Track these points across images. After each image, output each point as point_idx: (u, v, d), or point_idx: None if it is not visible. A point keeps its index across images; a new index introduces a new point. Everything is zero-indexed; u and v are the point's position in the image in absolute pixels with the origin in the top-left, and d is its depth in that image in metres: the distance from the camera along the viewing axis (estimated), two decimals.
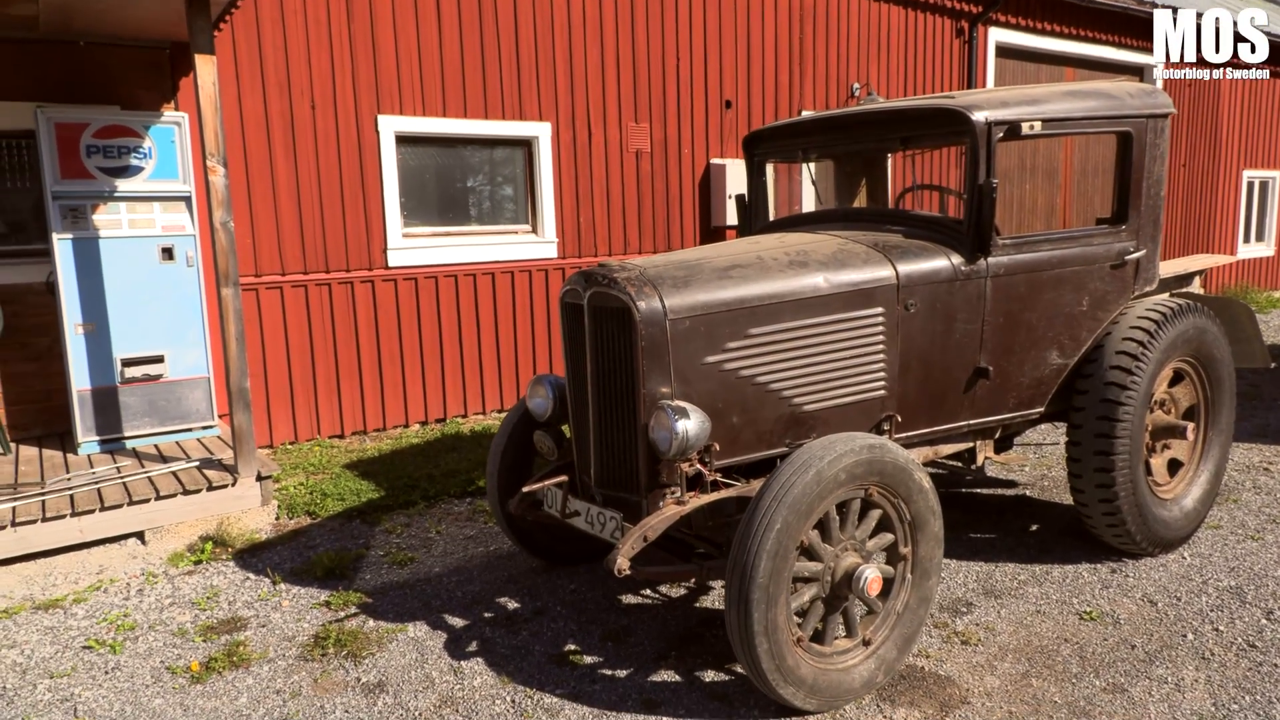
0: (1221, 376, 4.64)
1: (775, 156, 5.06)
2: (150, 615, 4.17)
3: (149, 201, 5.96)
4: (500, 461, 4.30)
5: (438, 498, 5.69)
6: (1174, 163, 13.82)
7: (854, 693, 3.26)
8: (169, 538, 5.00)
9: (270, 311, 6.76)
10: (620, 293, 3.38)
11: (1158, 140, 4.40)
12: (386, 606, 4.20)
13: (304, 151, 6.79)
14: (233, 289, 5.17)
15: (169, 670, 3.65)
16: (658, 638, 3.83)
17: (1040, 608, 4.00)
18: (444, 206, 7.66)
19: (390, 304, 7.26)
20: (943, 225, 4.13)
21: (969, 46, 10.91)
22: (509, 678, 3.53)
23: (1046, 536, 4.82)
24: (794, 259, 3.75)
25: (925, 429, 4.06)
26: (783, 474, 3.08)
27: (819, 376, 3.69)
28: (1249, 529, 4.85)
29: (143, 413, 5.99)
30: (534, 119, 7.80)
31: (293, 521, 5.35)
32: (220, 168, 5.06)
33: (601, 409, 3.57)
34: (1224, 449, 4.77)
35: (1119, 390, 4.16)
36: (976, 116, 3.90)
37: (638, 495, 3.46)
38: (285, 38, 6.63)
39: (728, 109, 8.97)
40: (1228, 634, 3.72)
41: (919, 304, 3.86)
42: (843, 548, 3.24)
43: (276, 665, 3.68)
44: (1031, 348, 4.21)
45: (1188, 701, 3.25)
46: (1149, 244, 4.45)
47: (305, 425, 6.99)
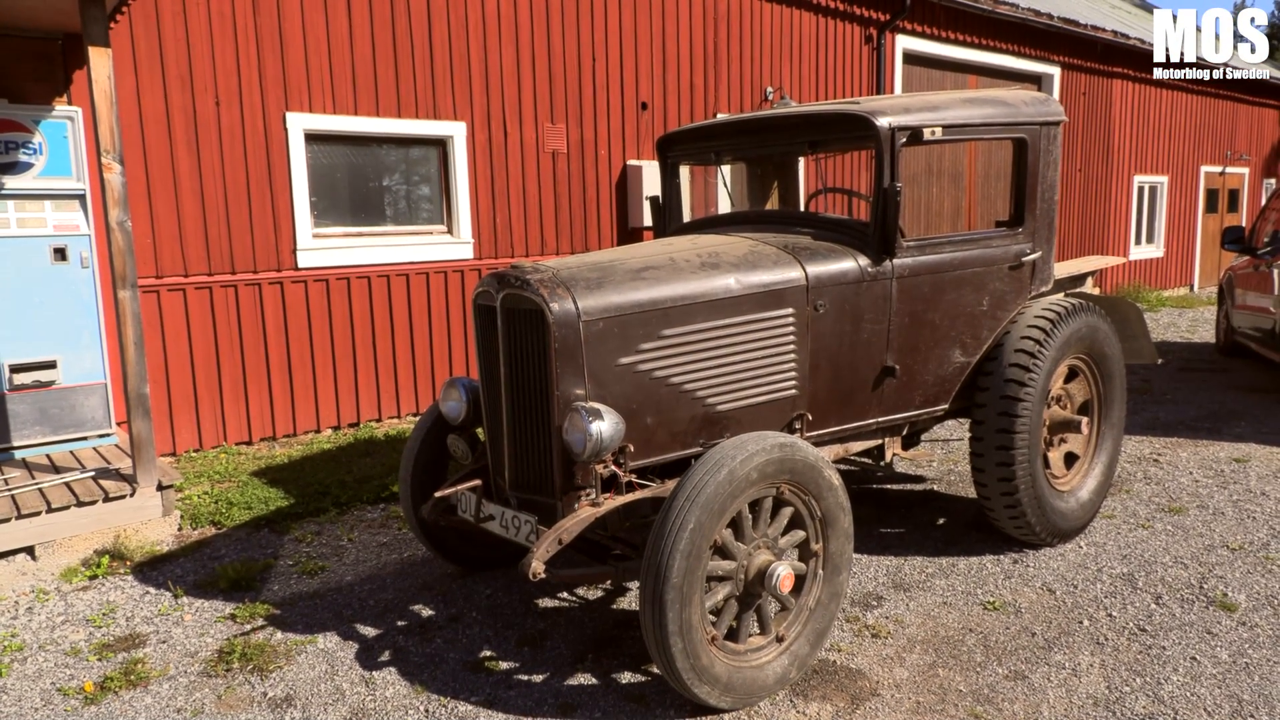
0: (1113, 372, 4.86)
1: (688, 159, 5.10)
2: (40, 634, 3.97)
3: (39, 200, 5.68)
4: (413, 466, 4.23)
5: (350, 504, 5.56)
6: (1070, 168, 14.45)
7: (768, 689, 3.31)
8: (62, 552, 4.77)
9: (173, 314, 6.51)
10: (533, 294, 3.36)
11: (1051, 146, 4.58)
12: (295, 618, 4.08)
13: (208, 149, 6.56)
14: (130, 291, 4.96)
15: (60, 692, 3.48)
16: (575, 641, 3.82)
17: (947, 599, 4.13)
18: (356, 206, 7.50)
19: (300, 306, 7.07)
20: (850, 227, 4.23)
21: (878, 53, 11.19)
22: (422, 687, 3.47)
23: (953, 530, 4.98)
24: (706, 260, 3.78)
25: (835, 427, 4.15)
26: (695, 474, 3.10)
27: (731, 376, 3.73)
28: (1140, 518, 5.09)
29: (33, 421, 5.70)
30: (448, 118, 7.70)
31: (196, 532, 5.16)
32: (116, 165, 4.85)
33: (515, 412, 3.54)
34: (1116, 442, 5.00)
35: (1018, 387, 4.32)
36: (881, 122, 4.00)
37: (552, 498, 3.44)
38: (187, 30, 6.40)
39: (644, 111, 9.01)
40: (1120, 619, 3.90)
41: (828, 304, 3.94)
42: (755, 546, 3.28)
43: (177, 682, 3.54)
44: (935, 346, 4.34)
45: (1084, 686, 3.39)
46: (1044, 246, 4.63)
47: (210, 432, 6.75)
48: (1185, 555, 4.56)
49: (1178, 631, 3.77)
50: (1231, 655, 3.57)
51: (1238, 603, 4.01)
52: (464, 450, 3.98)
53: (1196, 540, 4.75)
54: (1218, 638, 3.71)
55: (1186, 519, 5.06)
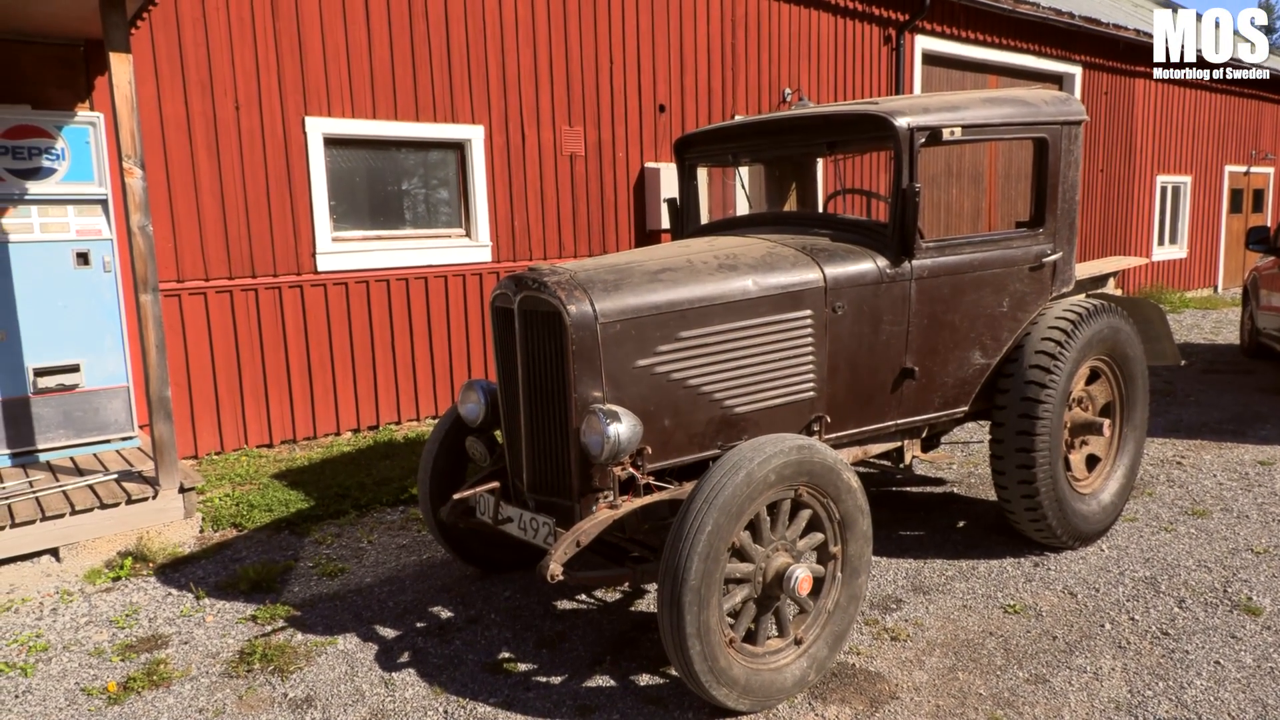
0: (1135, 374, 4.81)
1: (706, 160, 5.09)
2: (65, 635, 4.01)
3: (62, 205, 5.74)
4: (432, 468, 4.24)
5: (369, 507, 5.59)
6: (1092, 168, 14.33)
7: (786, 692, 3.30)
8: (85, 554, 4.82)
9: (194, 317, 6.57)
10: (551, 296, 3.36)
11: (1072, 146, 4.54)
12: (315, 619, 4.11)
13: (228, 153, 6.62)
14: (152, 295, 5.01)
15: (84, 692, 3.52)
16: (593, 643, 3.81)
17: (967, 602, 4.10)
18: (375, 210, 7.54)
19: (320, 309, 7.12)
20: (869, 229, 4.21)
21: (896, 54, 11.14)
22: (441, 688, 3.48)
23: (973, 532, 4.94)
24: (723, 262, 3.77)
25: (854, 429, 4.13)
26: (713, 476, 3.10)
27: (749, 379, 3.72)
28: (1163, 521, 5.03)
29: (57, 424, 5.76)
30: (466, 122, 7.73)
31: (218, 534, 5.20)
32: (137, 169, 4.90)
33: (533, 414, 3.55)
34: (1139, 444, 4.95)
35: (1039, 389, 4.28)
36: (900, 122, 3.98)
37: (570, 500, 3.45)
38: (207, 36, 6.46)
39: (662, 113, 9.01)
40: (1143, 623, 3.86)
41: (846, 306, 3.93)
42: (774, 548, 3.27)
43: (199, 683, 3.57)
44: (955, 348, 4.31)
45: (1105, 690, 3.36)
46: (1065, 246, 4.59)
47: (232, 435, 6.81)
48: (1209, 559, 4.50)
49: (1201, 635, 3.72)
50: (1256, 660, 3.52)
51: (1262, 606, 3.96)
52: (482, 452, 3.99)
53: (1220, 543, 4.69)
54: (1242, 642, 3.66)
55: (1210, 522, 5.00)
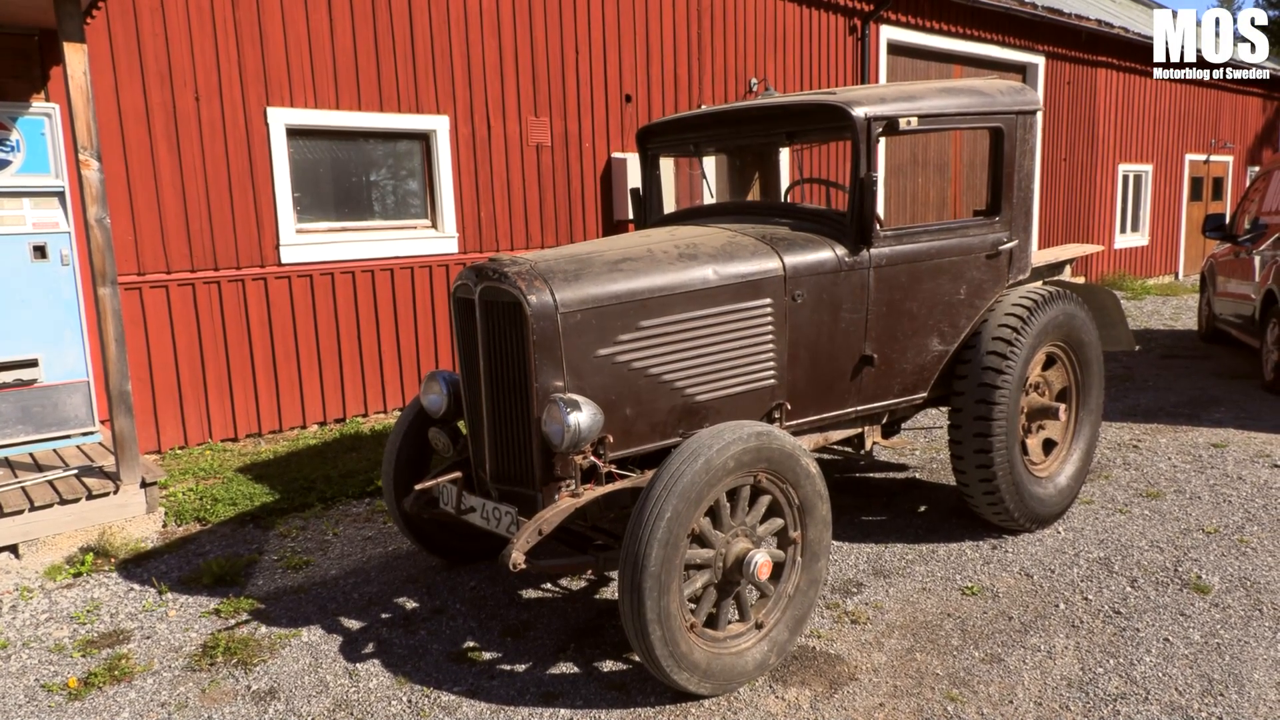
0: (1090, 360, 4.90)
1: (668, 150, 5.11)
2: (24, 632, 3.97)
3: (18, 197, 5.66)
4: (396, 460, 4.25)
5: (335, 499, 5.57)
6: (1054, 156, 14.51)
7: (747, 675, 3.34)
8: (45, 550, 4.77)
9: (155, 311, 6.50)
10: (511, 287, 3.38)
11: (1027, 135, 4.62)
12: (280, 612, 4.10)
13: (188, 145, 6.54)
14: (111, 288, 4.96)
15: (44, 688, 3.49)
16: (557, 631, 3.84)
17: (926, 585, 4.17)
18: (340, 201, 7.49)
19: (284, 302, 7.07)
20: (828, 218, 4.25)
21: (862, 44, 11.21)
22: (406, 678, 3.50)
23: (934, 517, 5.02)
24: (684, 251, 3.80)
25: (814, 416, 4.18)
26: (672, 463, 3.13)
27: (710, 367, 3.75)
28: (1118, 503, 5.15)
29: (15, 420, 5.69)
30: (431, 112, 7.69)
31: (181, 529, 5.17)
32: (94, 161, 4.83)
33: (495, 404, 3.56)
34: (1095, 428, 5.05)
35: (995, 374, 4.35)
36: (857, 112, 4.03)
37: (533, 489, 3.47)
38: (165, 26, 6.37)
39: (628, 103, 9.01)
40: (1095, 602, 3.95)
41: (805, 294, 3.97)
42: (733, 534, 3.31)
43: (162, 677, 3.55)
44: (913, 335, 4.37)
45: (1058, 668, 3.44)
46: (1021, 234, 4.67)
47: (195, 429, 6.75)
48: (1161, 539, 4.61)
49: (1151, 614, 3.82)
50: (1203, 636, 3.62)
51: (1211, 585, 4.07)
52: (445, 443, 4.00)
53: (1173, 524, 4.80)
54: (1190, 619, 3.76)
55: (1164, 504, 5.11)
